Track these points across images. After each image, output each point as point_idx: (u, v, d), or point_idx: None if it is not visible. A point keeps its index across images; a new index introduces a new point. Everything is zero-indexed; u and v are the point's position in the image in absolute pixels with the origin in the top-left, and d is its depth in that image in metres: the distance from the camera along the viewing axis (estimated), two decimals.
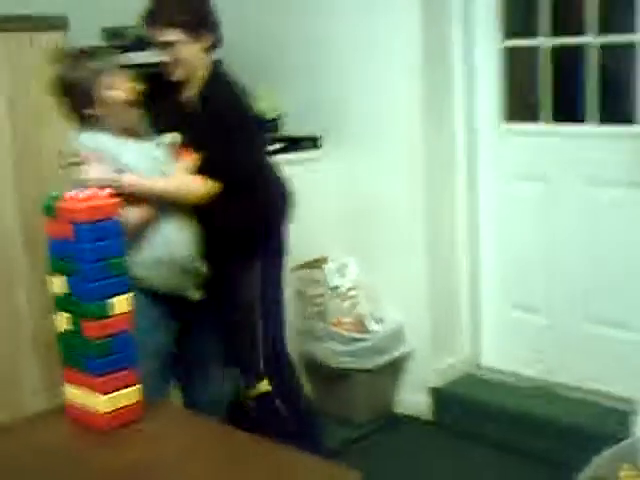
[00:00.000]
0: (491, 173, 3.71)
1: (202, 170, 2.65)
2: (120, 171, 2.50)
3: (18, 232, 3.00)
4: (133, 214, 2.48)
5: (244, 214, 2.75)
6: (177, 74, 2.73)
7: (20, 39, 2.97)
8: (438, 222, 3.67)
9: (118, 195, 2.37)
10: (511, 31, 3.59)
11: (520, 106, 3.69)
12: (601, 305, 3.44)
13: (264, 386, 2.82)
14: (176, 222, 2.62)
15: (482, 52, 3.63)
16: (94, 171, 2.45)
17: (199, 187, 2.64)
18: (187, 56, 2.72)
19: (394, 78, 3.58)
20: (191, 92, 2.77)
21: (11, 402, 2.98)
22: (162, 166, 2.62)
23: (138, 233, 2.51)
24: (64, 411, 1.99)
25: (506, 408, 3.48)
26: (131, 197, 2.47)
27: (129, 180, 2.50)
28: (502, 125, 3.65)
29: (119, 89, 2.56)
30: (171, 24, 2.68)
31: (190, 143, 2.66)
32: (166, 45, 2.69)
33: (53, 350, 3.04)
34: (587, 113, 3.39)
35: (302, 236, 3.69)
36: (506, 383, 3.68)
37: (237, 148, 2.72)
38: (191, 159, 2.65)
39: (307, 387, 3.81)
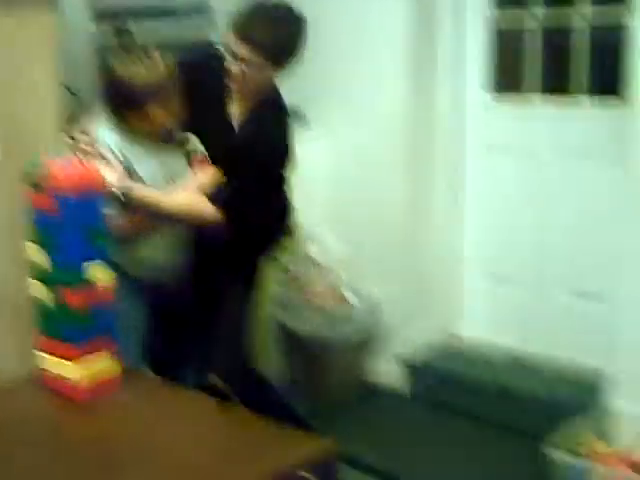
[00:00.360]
0: (477, 145, 3.74)
1: (214, 195, 2.59)
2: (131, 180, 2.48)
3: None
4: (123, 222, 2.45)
5: (243, 245, 2.74)
6: (235, 86, 2.65)
7: (7, 21, 2.91)
8: (420, 193, 3.71)
9: (123, 204, 2.41)
10: (501, 1, 3.60)
11: (508, 78, 3.71)
12: (580, 278, 3.49)
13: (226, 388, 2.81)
14: (167, 234, 2.62)
15: (471, 23, 3.64)
16: (107, 173, 2.39)
17: (205, 212, 2.58)
18: (254, 76, 2.62)
19: (381, 52, 3.60)
20: (238, 106, 2.71)
21: None
22: (176, 179, 2.57)
23: (129, 238, 2.50)
24: (38, 379, 1.99)
25: (481, 380, 3.53)
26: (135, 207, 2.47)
27: (138, 192, 2.46)
28: (489, 96, 3.67)
29: (171, 113, 2.51)
30: (253, 43, 2.55)
31: (214, 158, 2.61)
32: (238, 58, 2.58)
33: (24, 315, 3.04)
34: (576, 86, 3.42)
35: None
36: (481, 355, 3.72)
37: (259, 191, 2.68)
38: (209, 174, 2.60)
39: (282, 357, 3.85)
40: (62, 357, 1.90)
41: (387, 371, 3.80)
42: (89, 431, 1.79)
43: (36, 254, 1.92)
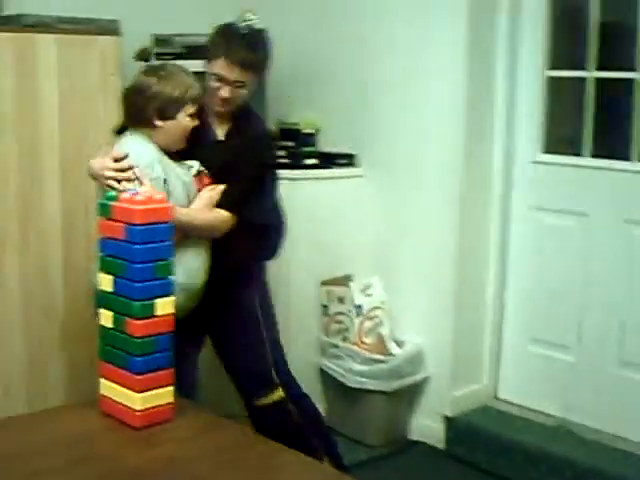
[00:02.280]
0: (526, 204, 3.79)
1: (223, 202, 2.75)
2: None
3: (59, 229, 3.14)
4: None
5: (252, 249, 2.90)
6: (226, 108, 2.81)
7: (73, 41, 3.12)
8: (467, 249, 3.76)
9: None
10: (555, 62, 3.68)
11: (560, 138, 3.78)
12: (629, 347, 3.48)
13: (278, 394, 2.93)
14: (194, 250, 2.71)
15: (525, 81, 3.73)
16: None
17: (222, 222, 2.74)
18: (245, 96, 2.83)
19: (435, 102, 3.69)
20: (218, 120, 2.86)
21: (37, 396, 3.11)
22: (191, 193, 2.71)
23: None
24: (96, 404, 2.09)
25: (522, 444, 3.52)
26: None
27: (179, 214, 2.55)
28: (540, 156, 3.74)
29: (193, 116, 2.68)
30: (250, 68, 2.78)
31: (214, 173, 2.77)
32: (236, 84, 2.77)
33: (81, 346, 3.20)
34: (629, 150, 3.46)
35: (330, 252, 3.83)
36: (523, 418, 3.73)
37: (263, 185, 2.87)
38: (213, 190, 2.74)
39: (323, 404, 3.91)
40: (122, 385, 2.00)
41: (426, 426, 3.84)
42: (144, 459, 1.89)
43: (104, 283, 2.03)
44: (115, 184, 2.56)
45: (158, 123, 2.64)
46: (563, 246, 3.68)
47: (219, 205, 2.74)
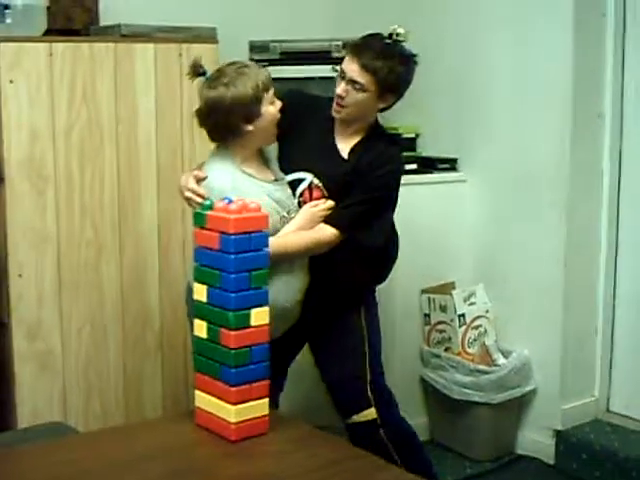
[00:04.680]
0: (638, 205, 3.64)
1: (333, 218, 2.68)
2: None
3: (155, 236, 3.18)
4: None
5: (361, 274, 2.83)
6: (343, 113, 2.72)
7: (170, 50, 3.16)
8: (576, 254, 3.63)
9: None
10: None
11: None
12: None
13: (370, 414, 2.84)
14: (287, 267, 2.61)
15: (635, 72, 3.58)
16: None
17: (324, 242, 2.66)
18: (362, 105, 2.70)
19: (539, 102, 3.59)
20: (345, 137, 2.78)
21: (133, 403, 3.15)
22: (283, 211, 2.62)
23: None
24: (192, 416, 2.09)
25: (637, 459, 3.39)
26: None
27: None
28: None
29: (274, 102, 2.58)
30: (371, 72, 2.64)
31: (332, 190, 2.71)
32: (353, 84, 2.66)
33: (178, 353, 3.23)
34: None
35: (431, 259, 3.77)
36: (638, 432, 3.60)
37: (382, 209, 2.77)
38: (322, 205, 2.67)
39: (425, 416, 3.85)
40: (217, 397, 1.99)
41: (535, 440, 3.73)
42: (238, 473, 1.87)
43: (199, 293, 2.02)
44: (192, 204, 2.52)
45: (249, 128, 2.54)
46: None
47: (328, 220, 2.67)
